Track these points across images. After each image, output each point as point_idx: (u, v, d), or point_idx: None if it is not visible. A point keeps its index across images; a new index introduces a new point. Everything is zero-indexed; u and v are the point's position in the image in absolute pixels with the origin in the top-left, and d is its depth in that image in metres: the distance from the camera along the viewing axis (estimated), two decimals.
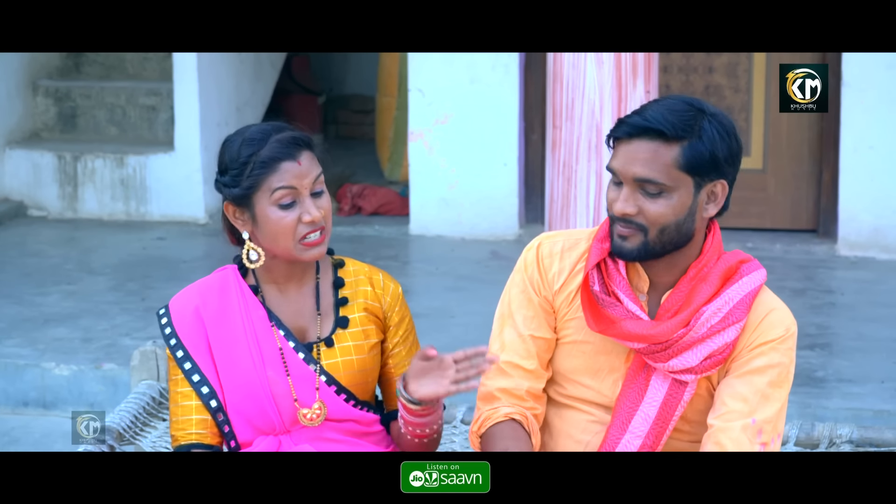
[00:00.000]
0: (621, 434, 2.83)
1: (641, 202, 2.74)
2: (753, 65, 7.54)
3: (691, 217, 2.77)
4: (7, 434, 5.39)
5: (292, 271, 3.01)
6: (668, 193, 2.73)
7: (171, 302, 3.05)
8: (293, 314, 3.02)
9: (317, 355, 2.99)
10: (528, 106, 7.69)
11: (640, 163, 2.72)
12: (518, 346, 2.92)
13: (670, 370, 2.81)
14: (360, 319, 3.04)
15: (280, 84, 9.20)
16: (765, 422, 2.78)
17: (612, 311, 2.81)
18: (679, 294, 2.81)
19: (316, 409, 2.98)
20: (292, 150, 2.92)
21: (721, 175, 2.77)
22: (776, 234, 7.54)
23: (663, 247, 2.78)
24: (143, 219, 8.12)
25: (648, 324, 2.79)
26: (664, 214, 2.74)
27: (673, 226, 2.76)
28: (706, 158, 2.73)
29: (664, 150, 2.72)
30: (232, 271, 3.04)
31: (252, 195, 2.92)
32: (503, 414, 2.88)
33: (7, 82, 8.35)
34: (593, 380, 2.89)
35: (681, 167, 2.73)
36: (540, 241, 2.96)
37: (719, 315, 2.79)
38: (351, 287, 3.06)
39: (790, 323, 2.84)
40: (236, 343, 2.98)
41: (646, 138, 2.72)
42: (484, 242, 7.54)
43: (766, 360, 2.81)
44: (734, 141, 2.77)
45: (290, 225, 2.92)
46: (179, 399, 2.99)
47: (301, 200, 2.92)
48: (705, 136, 2.73)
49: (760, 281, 2.84)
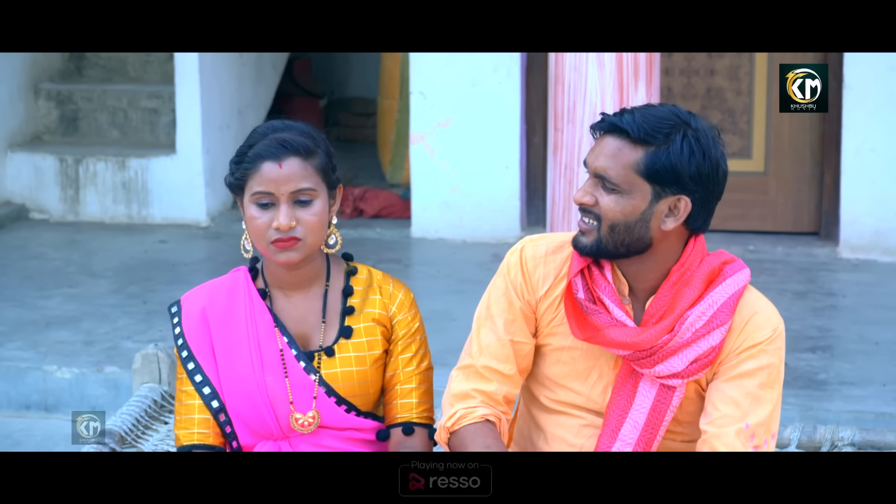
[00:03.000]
0: (612, 441, 2.82)
1: (598, 194, 2.76)
2: (755, 67, 7.54)
3: (644, 224, 2.76)
4: (9, 437, 5.39)
5: (296, 276, 2.99)
6: (621, 193, 2.74)
7: (183, 298, 3.04)
8: (298, 320, 3.00)
9: (317, 364, 2.98)
10: (530, 108, 7.69)
11: (603, 157, 2.76)
12: (497, 350, 2.90)
13: (657, 375, 2.80)
14: (367, 330, 3.00)
15: (282, 87, 9.20)
16: (757, 425, 2.78)
17: (596, 319, 2.80)
18: (663, 298, 2.80)
19: (310, 416, 2.96)
20: (278, 152, 2.89)
21: (683, 190, 2.74)
22: (778, 237, 7.53)
23: (615, 247, 2.77)
24: (144, 222, 8.12)
25: (633, 331, 2.78)
26: (613, 210, 2.75)
27: (622, 226, 2.75)
28: (666, 169, 2.72)
29: (627, 151, 2.74)
30: (243, 273, 3.03)
31: (242, 186, 2.93)
32: (480, 415, 2.87)
33: (9, 85, 8.35)
34: (583, 385, 2.89)
35: (639, 171, 2.73)
36: (523, 245, 2.94)
37: (703, 319, 2.78)
38: (360, 296, 3.02)
39: (777, 322, 2.83)
40: (238, 346, 2.97)
41: (615, 135, 2.75)
42: (485, 245, 7.54)
43: (756, 362, 2.79)
44: (706, 161, 2.74)
45: (262, 226, 2.91)
46: (184, 398, 2.99)
47: (278, 205, 2.90)
48: (672, 148, 2.72)
49: (744, 282, 2.82)
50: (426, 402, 3.03)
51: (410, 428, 3.00)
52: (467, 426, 2.86)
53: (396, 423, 3.01)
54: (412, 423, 3.01)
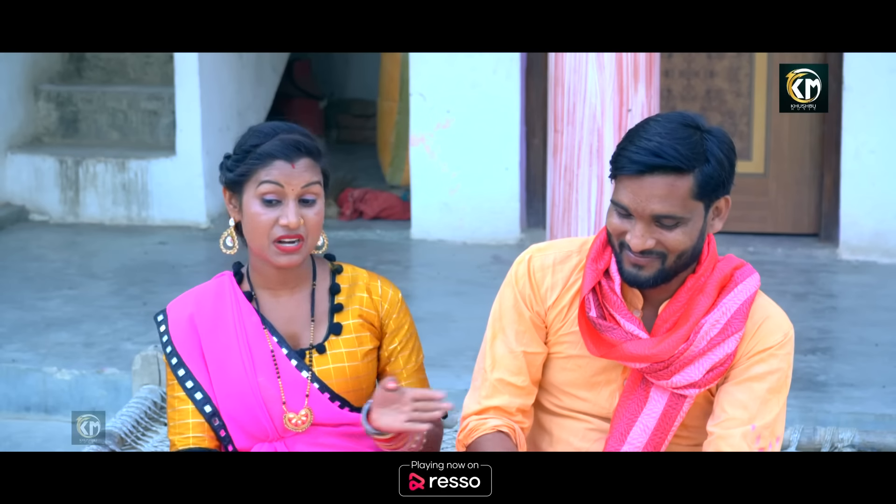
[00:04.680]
0: (620, 444, 2.82)
1: (659, 234, 2.71)
2: (755, 69, 7.54)
3: (702, 238, 2.77)
4: (8, 439, 5.38)
5: (285, 276, 3.00)
6: (685, 224, 2.71)
7: (168, 307, 3.05)
8: (286, 320, 3.01)
9: (309, 362, 2.98)
10: (530, 110, 7.69)
11: (656, 199, 2.68)
12: (509, 362, 2.90)
13: (674, 387, 2.80)
14: (355, 326, 3.02)
15: (282, 88, 9.20)
16: (763, 427, 2.78)
17: (610, 335, 2.79)
18: (676, 305, 2.80)
19: (302, 415, 2.96)
20: (291, 152, 2.91)
21: (726, 191, 2.76)
22: (778, 239, 7.53)
23: (677, 270, 2.77)
24: (144, 223, 8.12)
25: (649, 343, 2.78)
26: (683, 242, 2.72)
27: (690, 251, 2.75)
28: (716, 182, 2.71)
29: (680, 184, 2.68)
30: (228, 278, 3.04)
31: (243, 183, 2.93)
32: (492, 426, 2.86)
33: (9, 87, 8.35)
34: (590, 392, 2.88)
35: (694, 196, 2.70)
36: (531, 255, 2.92)
37: (718, 327, 2.78)
38: (347, 293, 3.04)
39: (787, 328, 2.83)
40: (228, 350, 2.98)
41: (659, 174, 2.68)
42: (485, 247, 7.53)
43: (766, 366, 2.80)
44: (733, 153, 2.75)
45: (267, 223, 2.91)
46: (176, 404, 2.99)
47: (286, 202, 2.92)
48: (713, 159, 2.70)
49: (755, 287, 2.82)
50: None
51: None
52: (479, 438, 2.86)
53: None
54: None
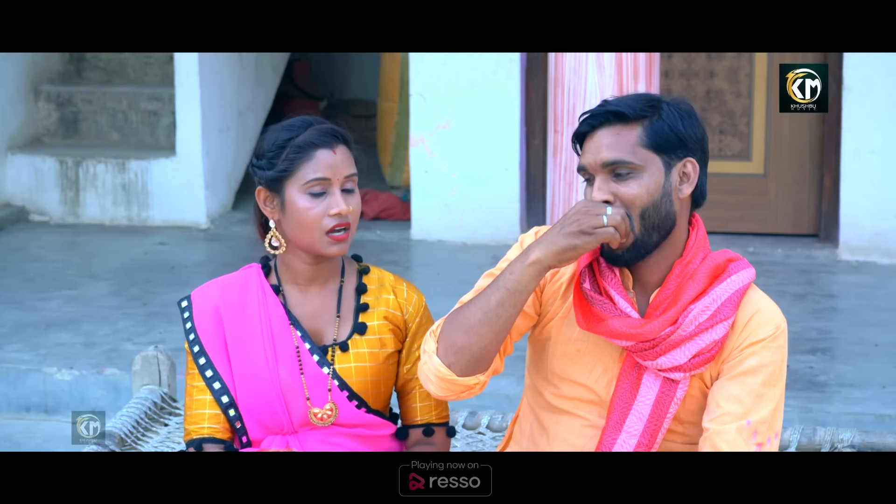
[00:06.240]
0: (616, 434, 2.83)
1: (615, 188, 2.77)
2: (755, 69, 7.55)
3: (668, 198, 2.79)
4: (9, 439, 5.39)
5: (316, 272, 3.01)
6: (637, 173, 2.76)
7: (193, 294, 3.05)
8: (312, 316, 3.02)
9: (331, 358, 2.99)
10: (530, 111, 7.69)
11: (605, 147, 2.77)
12: None
13: (659, 368, 2.82)
14: (379, 327, 3.03)
15: (281, 89, 9.20)
16: (759, 422, 2.78)
17: (600, 309, 2.82)
18: (667, 291, 2.82)
19: (328, 409, 2.98)
20: (330, 139, 2.94)
21: (689, 152, 2.80)
22: (777, 239, 7.53)
23: (650, 235, 2.78)
24: (144, 224, 8.13)
25: (636, 321, 2.80)
26: (640, 195, 2.76)
27: (651, 207, 2.77)
28: (670, 135, 2.77)
29: (626, 132, 2.77)
30: (256, 270, 3.05)
31: (284, 179, 2.93)
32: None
33: (9, 87, 8.36)
34: (588, 378, 2.89)
35: (646, 145, 2.76)
36: (538, 230, 2.94)
37: (707, 313, 2.80)
38: (374, 294, 3.05)
39: (780, 320, 2.84)
40: (252, 341, 2.99)
41: (606, 125, 2.78)
42: (485, 247, 7.54)
43: (758, 359, 2.81)
44: (697, 123, 2.82)
45: (317, 216, 2.92)
46: (194, 393, 3.00)
47: (332, 192, 2.94)
48: (665, 115, 2.78)
49: (749, 279, 2.84)
50: (443, 402, 3.09)
51: (431, 430, 3.06)
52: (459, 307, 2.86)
53: (416, 424, 3.07)
54: (432, 424, 3.07)
